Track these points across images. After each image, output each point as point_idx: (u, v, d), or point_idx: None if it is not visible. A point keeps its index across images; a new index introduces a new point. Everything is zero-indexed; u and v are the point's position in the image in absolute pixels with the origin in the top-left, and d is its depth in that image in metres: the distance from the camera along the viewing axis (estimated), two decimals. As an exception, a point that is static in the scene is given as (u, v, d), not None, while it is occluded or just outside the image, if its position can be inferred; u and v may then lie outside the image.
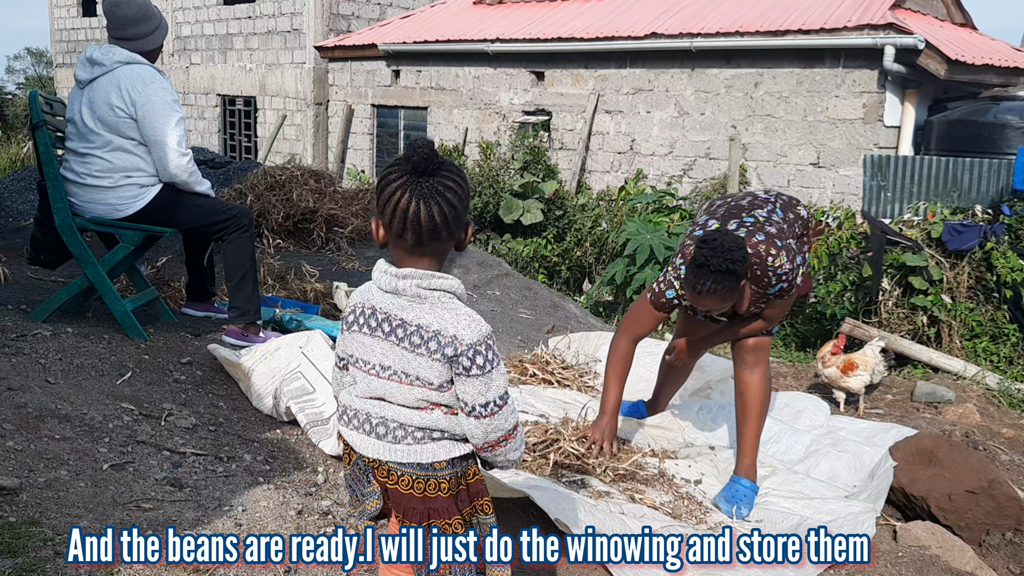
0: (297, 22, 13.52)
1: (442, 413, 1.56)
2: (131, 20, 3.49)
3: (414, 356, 1.53)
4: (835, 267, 6.53)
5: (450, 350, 1.50)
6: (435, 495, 1.57)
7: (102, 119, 3.41)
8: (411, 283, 1.52)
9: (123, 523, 2.18)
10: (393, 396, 1.57)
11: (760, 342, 3.04)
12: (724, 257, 2.55)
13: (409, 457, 1.56)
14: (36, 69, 33.49)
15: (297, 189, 5.79)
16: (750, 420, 3.03)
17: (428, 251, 1.54)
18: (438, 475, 1.57)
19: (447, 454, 1.58)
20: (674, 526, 2.68)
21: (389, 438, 1.57)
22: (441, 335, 1.50)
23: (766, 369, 3.07)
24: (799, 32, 8.56)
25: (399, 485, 1.58)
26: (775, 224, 2.85)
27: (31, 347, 3.12)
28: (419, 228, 1.50)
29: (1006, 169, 6.77)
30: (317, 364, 3.10)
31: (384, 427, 1.57)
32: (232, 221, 3.56)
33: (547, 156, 10.28)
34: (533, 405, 3.63)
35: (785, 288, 2.83)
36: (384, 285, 1.55)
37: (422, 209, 1.49)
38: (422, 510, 1.57)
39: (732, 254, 2.56)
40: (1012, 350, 5.66)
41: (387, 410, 1.57)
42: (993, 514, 2.90)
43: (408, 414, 1.56)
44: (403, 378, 1.55)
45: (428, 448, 1.57)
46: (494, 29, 11.35)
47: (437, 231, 1.51)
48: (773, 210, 2.94)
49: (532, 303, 5.65)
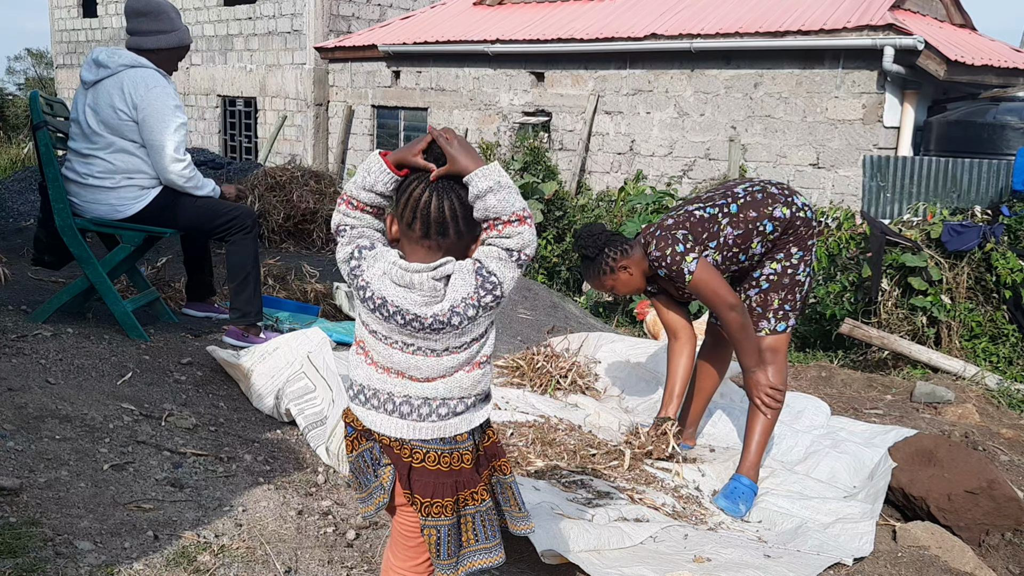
0: (297, 23, 13.52)
1: (465, 372, 1.56)
2: (136, 12, 3.53)
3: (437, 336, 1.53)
4: (835, 267, 6.54)
5: (472, 311, 1.51)
6: (459, 467, 1.58)
7: (105, 121, 3.42)
8: (424, 276, 1.50)
9: (123, 523, 2.18)
10: (418, 371, 1.55)
11: (773, 343, 3.02)
12: (579, 244, 3.04)
13: (434, 433, 1.56)
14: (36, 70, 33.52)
15: (297, 190, 5.80)
16: (759, 416, 3.03)
17: (433, 245, 1.52)
18: (460, 448, 1.58)
19: (468, 425, 1.59)
20: (674, 526, 2.68)
21: (414, 416, 1.56)
22: (459, 308, 1.50)
23: (780, 367, 3.04)
24: (799, 33, 8.56)
25: (426, 462, 1.57)
26: (681, 217, 2.96)
27: (31, 347, 3.12)
28: (428, 219, 1.50)
29: (1005, 170, 6.77)
30: (317, 363, 3.11)
31: (408, 405, 1.56)
32: (235, 222, 3.56)
33: (547, 157, 10.29)
34: (533, 406, 3.63)
35: (667, 272, 2.91)
36: (397, 279, 1.52)
37: (433, 200, 1.50)
38: (451, 483, 1.58)
39: (584, 240, 3.02)
40: (1011, 350, 5.66)
41: (410, 388, 1.56)
42: (993, 514, 2.90)
43: (432, 387, 1.55)
44: (428, 352, 1.54)
45: (451, 423, 1.57)
46: (494, 30, 11.36)
47: (444, 224, 1.50)
48: (727, 205, 2.95)
49: (532, 303, 5.65)
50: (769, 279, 3.03)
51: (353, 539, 2.36)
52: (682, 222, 2.94)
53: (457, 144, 1.51)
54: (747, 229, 2.94)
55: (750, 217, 2.94)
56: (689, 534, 2.65)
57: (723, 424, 3.63)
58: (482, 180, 1.48)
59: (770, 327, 3.03)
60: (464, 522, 1.60)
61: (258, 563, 2.14)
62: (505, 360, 4.11)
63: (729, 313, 2.88)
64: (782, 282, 3.02)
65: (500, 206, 1.48)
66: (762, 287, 3.04)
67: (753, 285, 3.06)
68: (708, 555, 2.49)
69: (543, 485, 2.81)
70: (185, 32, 3.64)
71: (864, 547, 2.65)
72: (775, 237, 2.98)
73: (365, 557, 2.28)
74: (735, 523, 2.85)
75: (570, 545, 2.37)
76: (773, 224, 2.95)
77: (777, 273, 3.02)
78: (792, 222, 2.97)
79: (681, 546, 2.54)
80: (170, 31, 3.57)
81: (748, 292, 3.07)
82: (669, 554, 2.47)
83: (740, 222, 2.94)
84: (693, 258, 2.85)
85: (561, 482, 2.90)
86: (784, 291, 3.02)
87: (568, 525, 2.45)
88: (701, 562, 2.44)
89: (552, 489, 2.79)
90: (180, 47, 3.62)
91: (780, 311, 3.02)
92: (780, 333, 3.03)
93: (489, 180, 1.48)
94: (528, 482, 2.81)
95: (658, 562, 2.39)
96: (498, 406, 3.55)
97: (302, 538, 2.30)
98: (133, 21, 3.53)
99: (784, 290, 3.02)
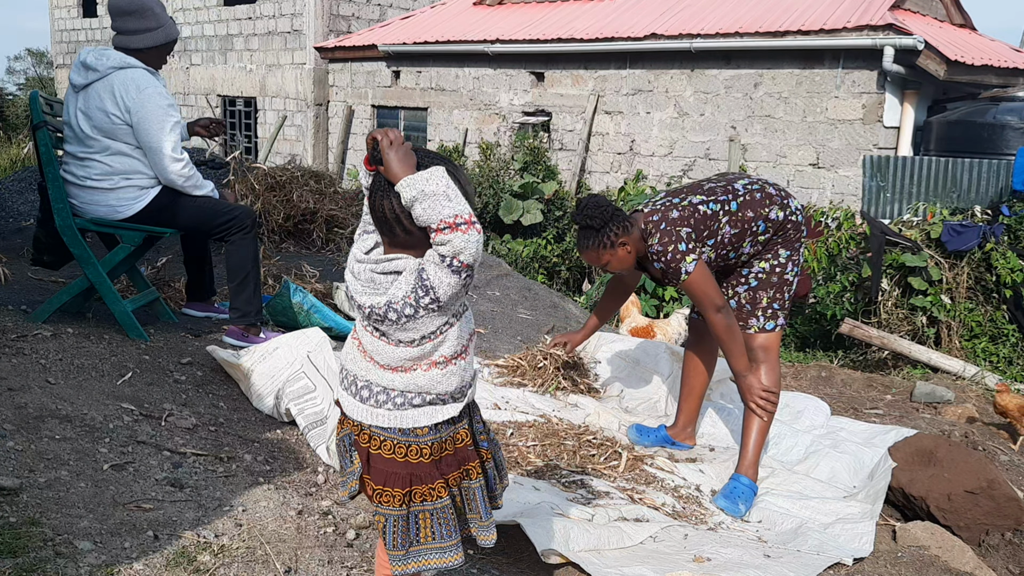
0: (297, 23, 13.52)
1: (422, 371, 1.59)
2: (120, 11, 3.46)
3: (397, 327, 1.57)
4: (835, 267, 6.54)
5: (410, 309, 1.54)
6: (417, 460, 1.60)
7: (98, 126, 3.40)
8: (364, 267, 1.58)
9: (123, 523, 2.18)
10: (380, 356, 1.60)
11: (764, 342, 3.04)
12: (583, 214, 2.88)
13: (390, 422, 1.59)
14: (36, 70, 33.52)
15: (297, 190, 5.79)
16: (754, 415, 3.04)
17: (386, 240, 1.59)
18: (420, 441, 1.60)
19: (429, 419, 1.60)
20: (674, 526, 2.68)
21: (372, 402, 1.60)
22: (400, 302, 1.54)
23: (772, 366, 3.05)
24: (799, 33, 8.57)
25: (382, 450, 1.60)
26: (687, 211, 2.92)
27: (31, 347, 3.12)
28: (374, 216, 1.58)
29: (1005, 170, 6.78)
30: (317, 363, 3.11)
31: (368, 391, 1.61)
32: (235, 222, 3.56)
33: (547, 157, 10.29)
34: (533, 406, 3.63)
35: (663, 268, 2.89)
36: (349, 266, 1.62)
37: (376, 200, 1.56)
38: (404, 475, 1.59)
39: (589, 211, 2.87)
40: (1011, 350, 5.66)
41: (372, 373, 1.61)
42: (992, 514, 2.90)
43: (390, 377, 1.59)
44: (388, 340, 1.59)
45: (409, 414, 1.59)
46: (494, 30, 11.36)
47: (387, 222, 1.56)
48: (728, 202, 2.94)
49: (532, 303, 5.65)
50: (758, 277, 3.05)
51: (353, 539, 2.36)
52: (687, 217, 2.91)
53: (393, 150, 1.51)
54: (742, 229, 2.95)
55: (747, 217, 2.95)
56: (689, 534, 2.65)
57: (723, 424, 3.63)
58: (407, 190, 1.48)
59: (759, 325, 3.04)
60: (422, 518, 1.61)
61: (258, 563, 2.14)
62: (505, 360, 4.10)
63: (715, 315, 2.88)
64: (771, 280, 3.04)
65: (427, 215, 1.48)
66: (751, 284, 3.06)
67: (742, 282, 3.07)
68: (708, 555, 2.49)
69: (543, 485, 2.81)
70: (171, 26, 3.58)
71: (864, 547, 2.65)
72: (766, 239, 3.00)
73: (365, 557, 2.28)
74: (735, 523, 2.85)
75: (570, 545, 2.37)
76: (766, 225, 2.97)
77: (766, 272, 3.04)
78: (783, 225, 2.99)
79: (681, 546, 2.55)
80: (156, 28, 3.50)
81: (737, 289, 3.09)
82: (669, 554, 2.47)
83: (738, 221, 2.94)
84: (693, 259, 2.85)
85: (561, 482, 2.90)
86: (773, 289, 3.04)
87: (568, 525, 2.45)
88: (701, 562, 2.44)
89: (552, 489, 2.79)
90: (168, 43, 3.57)
91: (769, 309, 3.04)
92: (770, 332, 3.05)
93: (413, 190, 1.48)
94: (528, 482, 2.81)
95: (658, 562, 2.39)
96: (498, 406, 3.54)
97: (302, 538, 2.30)
98: (118, 20, 3.48)
99: (773, 288, 3.04)
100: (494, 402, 3.57)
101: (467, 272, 1.50)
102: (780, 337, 3.10)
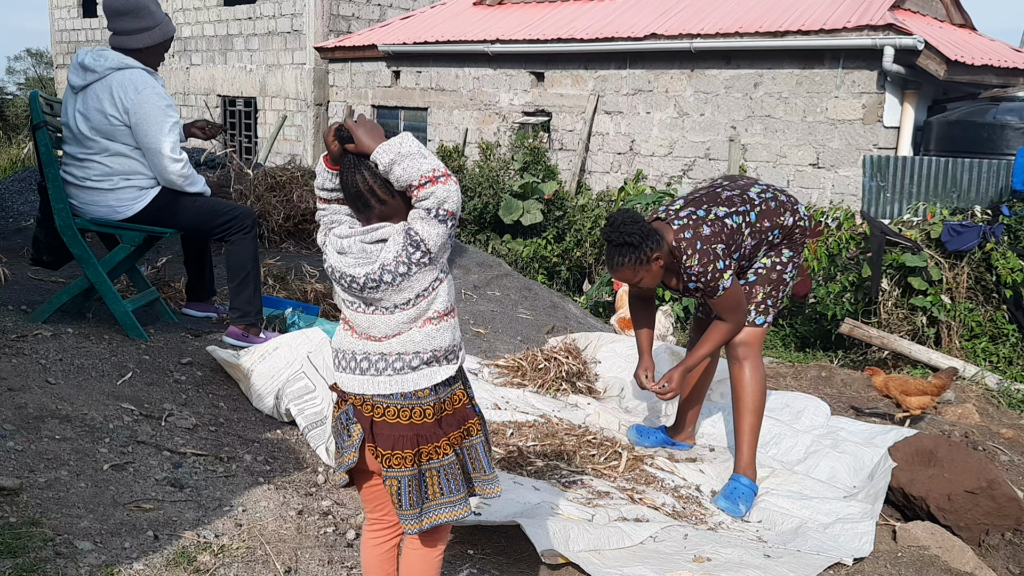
0: (297, 23, 13.52)
1: (418, 328, 1.66)
2: (117, 12, 3.45)
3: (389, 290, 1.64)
4: (835, 267, 6.54)
5: (403, 267, 1.61)
6: (421, 421, 1.66)
7: (97, 127, 3.39)
8: (353, 241, 1.64)
9: (123, 523, 2.18)
10: (376, 329, 1.66)
11: (747, 337, 3.03)
12: (619, 231, 2.78)
13: (392, 388, 1.65)
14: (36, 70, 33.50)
15: (297, 190, 5.79)
16: (744, 415, 3.04)
17: (364, 216, 1.67)
18: (422, 403, 1.67)
19: (428, 381, 1.67)
20: (674, 526, 2.68)
21: (372, 371, 1.66)
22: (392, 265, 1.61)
23: (756, 363, 3.06)
24: (799, 33, 8.56)
25: (386, 417, 1.66)
26: (716, 226, 2.86)
27: (31, 347, 3.12)
28: (349, 195, 1.66)
29: (1005, 170, 6.78)
30: (317, 363, 3.11)
31: (367, 361, 1.67)
32: (235, 222, 3.56)
33: (547, 157, 10.28)
34: (533, 406, 3.64)
35: (701, 288, 2.87)
36: (335, 247, 1.68)
37: (347, 178, 1.65)
38: (411, 436, 1.66)
39: (626, 227, 2.78)
40: (1011, 350, 5.66)
41: (369, 346, 1.67)
42: (993, 514, 2.90)
43: (387, 343, 1.66)
44: (383, 311, 1.66)
45: (409, 377, 1.66)
46: (494, 30, 11.36)
47: (361, 196, 1.65)
48: (747, 212, 2.94)
49: (532, 303, 5.65)
50: (757, 272, 3.07)
51: (353, 539, 2.36)
52: (719, 233, 2.87)
53: (360, 126, 1.61)
54: (759, 239, 3.00)
55: (764, 227, 2.98)
56: (689, 534, 2.65)
57: (723, 424, 3.63)
58: (383, 155, 1.58)
59: (749, 318, 3.05)
60: (429, 476, 1.68)
61: (258, 563, 2.14)
62: (505, 360, 4.10)
63: (736, 326, 2.93)
64: (769, 277, 3.06)
65: (407, 174, 1.58)
66: (749, 279, 3.08)
67: (741, 277, 3.08)
68: (708, 555, 2.49)
69: (543, 485, 2.81)
70: (168, 24, 3.55)
71: (864, 547, 2.65)
72: (776, 243, 3.05)
73: (365, 557, 2.28)
74: (735, 523, 2.85)
75: (570, 545, 2.37)
76: (780, 232, 3.02)
77: (767, 268, 3.06)
78: (792, 229, 3.04)
79: (681, 546, 2.55)
80: (153, 27, 3.48)
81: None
82: (669, 554, 2.47)
83: (756, 232, 2.97)
84: (729, 275, 2.86)
85: (561, 482, 2.90)
86: (770, 286, 3.06)
87: (568, 525, 2.45)
88: (701, 562, 2.44)
89: (552, 489, 2.79)
90: (165, 41, 3.55)
91: (762, 305, 3.05)
92: (757, 327, 3.06)
93: (390, 153, 1.58)
94: (528, 482, 2.81)
95: (658, 562, 2.39)
96: (498, 406, 3.54)
97: (302, 538, 2.30)
98: (115, 21, 3.46)
99: (770, 285, 3.06)
100: (494, 402, 3.57)
101: (452, 220, 1.61)
102: (764, 335, 3.11)
